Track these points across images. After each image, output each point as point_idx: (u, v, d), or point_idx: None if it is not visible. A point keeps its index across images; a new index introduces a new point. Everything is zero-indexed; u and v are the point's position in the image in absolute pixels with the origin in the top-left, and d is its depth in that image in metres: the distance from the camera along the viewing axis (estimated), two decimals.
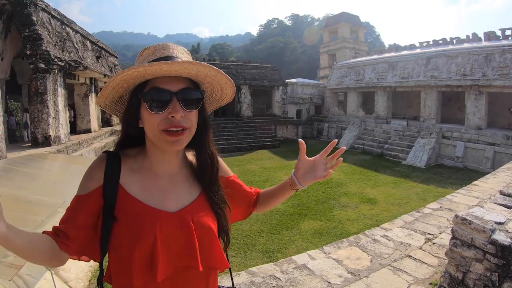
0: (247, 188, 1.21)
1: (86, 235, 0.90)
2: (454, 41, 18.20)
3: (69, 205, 0.93)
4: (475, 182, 6.20)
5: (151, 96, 0.88)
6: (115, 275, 0.92)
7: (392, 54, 21.10)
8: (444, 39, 18.90)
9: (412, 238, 4.36)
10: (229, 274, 1.22)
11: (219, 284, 1.12)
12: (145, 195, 0.93)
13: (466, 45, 16.52)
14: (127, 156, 0.97)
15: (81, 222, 0.89)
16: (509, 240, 2.36)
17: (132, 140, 1.00)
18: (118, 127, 14.82)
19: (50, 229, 0.89)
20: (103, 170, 0.92)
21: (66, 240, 0.87)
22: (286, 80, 24.78)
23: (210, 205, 1.01)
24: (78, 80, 11.25)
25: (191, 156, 1.08)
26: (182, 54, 0.97)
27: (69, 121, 10.47)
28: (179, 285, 0.92)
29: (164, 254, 0.88)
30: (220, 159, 1.12)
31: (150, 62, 0.89)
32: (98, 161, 0.95)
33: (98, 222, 0.91)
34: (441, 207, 5.60)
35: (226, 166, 1.17)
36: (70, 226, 0.88)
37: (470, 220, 2.62)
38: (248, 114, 21.95)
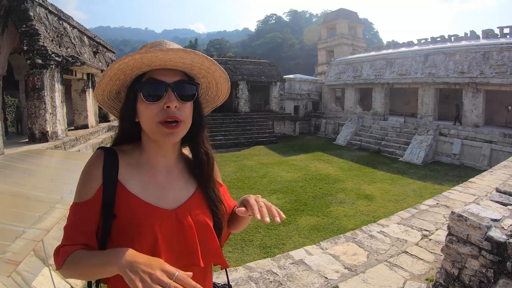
0: (231, 203, 1.16)
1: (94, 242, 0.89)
2: (452, 38, 18.22)
3: (70, 215, 0.90)
4: (471, 179, 6.25)
5: (147, 86, 0.90)
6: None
7: (390, 51, 21.12)
8: (442, 37, 18.91)
9: (409, 234, 4.40)
10: (225, 271, 1.21)
11: (214, 281, 1.12)
12: (144, 192, 0.93)
13: (464, 42, 16.54)
14: (123, 152, 0.97)
15: (91, 230, 0.88)
16: (504, 237, 2.39)
17: (128, 136, 1.01)
18: (116, 123, 14.79)
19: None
20: (101, 167, 0.91)
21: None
22: (284, 76, 24.71)
23: (206, 202, 1.02)
24: (76, 75, 11.18)
25: (186, 151, 1.09)
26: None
27: None
28: None
29: (166, 252, 0.88)
30: (215, 164, 1.11)
31: None
32: (95, 158, 0.93)
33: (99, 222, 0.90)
34: (437, 203, 5.64)
35: (218, 172, 1.16)
36: (86, 238, 0.87)
37: (466, 217, 2.64)
38: (245, 110, 21.92)
